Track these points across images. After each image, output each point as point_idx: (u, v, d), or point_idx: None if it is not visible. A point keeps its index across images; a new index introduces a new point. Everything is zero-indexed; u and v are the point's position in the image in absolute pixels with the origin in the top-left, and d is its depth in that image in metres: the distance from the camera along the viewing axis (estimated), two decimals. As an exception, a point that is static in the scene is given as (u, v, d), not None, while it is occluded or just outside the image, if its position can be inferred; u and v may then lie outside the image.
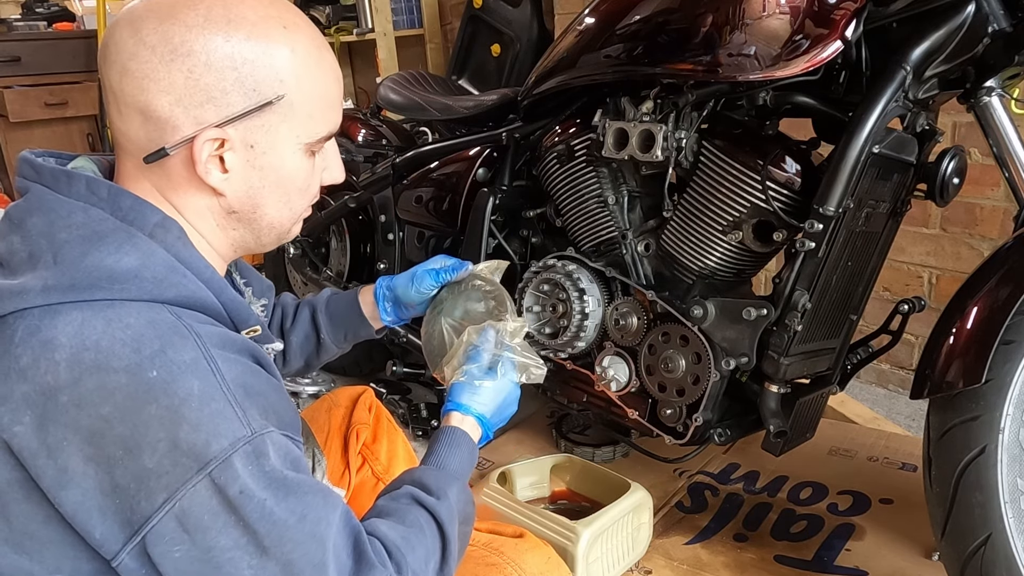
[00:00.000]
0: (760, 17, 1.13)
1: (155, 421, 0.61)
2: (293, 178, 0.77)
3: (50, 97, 3.74)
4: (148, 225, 0.69)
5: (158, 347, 0.63)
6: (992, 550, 0.98)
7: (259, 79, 0.70)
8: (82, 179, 0.70)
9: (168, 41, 0.68)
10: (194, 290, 0.69)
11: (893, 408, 1.93)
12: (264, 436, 0.66)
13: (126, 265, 0.66)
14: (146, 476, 0.61)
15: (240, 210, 0.76)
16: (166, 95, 0.68)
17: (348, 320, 1.13)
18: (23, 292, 0.64)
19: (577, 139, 1.41)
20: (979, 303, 1.03)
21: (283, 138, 0.74)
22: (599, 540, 1.25)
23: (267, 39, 0.70)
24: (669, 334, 1.33)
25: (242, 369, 0.69)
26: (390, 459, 1.23)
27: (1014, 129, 1.12)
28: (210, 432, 0.62)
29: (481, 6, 2.68)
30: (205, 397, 0.63)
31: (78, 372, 0.61)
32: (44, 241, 0.67)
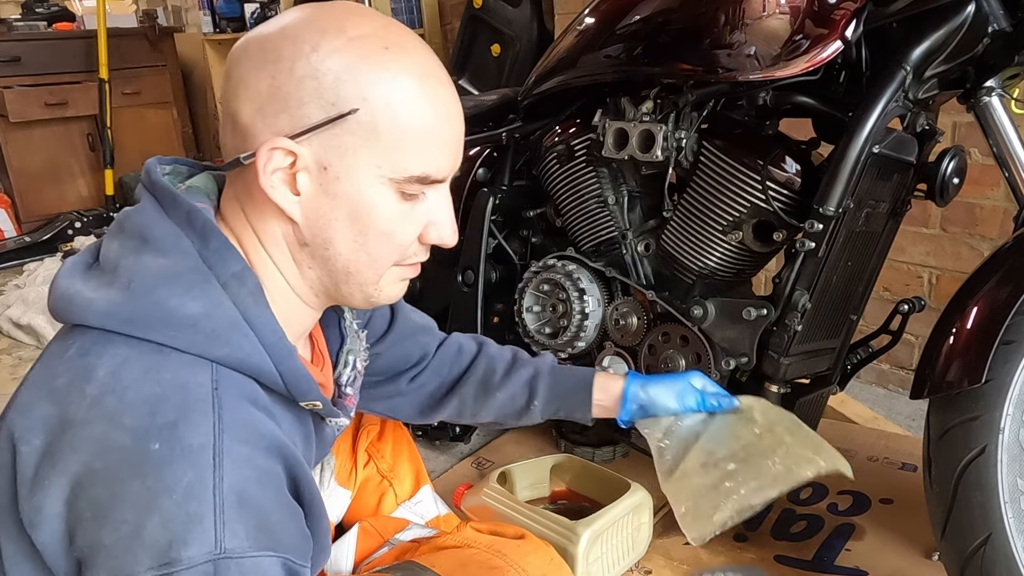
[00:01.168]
0: (760, 17, 1.13)
1: (131, 499, 0.57)
2: (371, 216, 0.68)
3: (50, 97, 3.74)
4: (226, 273, 0.65)
5: (172, 419, 0.59)
6: (992, 550, 0.98)
7: (340, 93, 0.64)
8: (185, 206, 0.66)
9: (263, 48, 0.66)
10: (250, 353, 0.64)
11: (893, 408, 1.93)
12: (232, 561, 0.57)
13: (189, 311, 0.62)
14: (98, 550, 0.57)
15: (312, 243, 0.69)
16: (251, 103, 0.66)
17: (571, 400, 1.06)
18: (89, 308, 0.63)
19: (577, 139, 1.41)
20: (979, 303, 1.03)
21: (362, 165, 0.66)
22: (599, 540, 1.25)
23: (360, 55, 0.65)
24: (669, 334, 1.33)
25: (251, 475, 0.61)
26: (395, 458, 1.23)
27: (1014, 129, 1.12)
28: (176, 535, 0.56)
29: (481, 6, 2.68)
30: (190, 494, 0.57)
31: (94, 414, 0.59)
32: (132, 259, 0.65)
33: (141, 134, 4.15)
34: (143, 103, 4.13)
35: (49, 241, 3.64)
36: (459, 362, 1.09)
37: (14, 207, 3.81)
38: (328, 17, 0.66)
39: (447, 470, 1.71)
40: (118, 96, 3.97)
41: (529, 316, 1.50)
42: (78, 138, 3.94)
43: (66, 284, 0.66)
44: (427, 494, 1.23)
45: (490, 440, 1.82)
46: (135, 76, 4.07)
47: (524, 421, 1.08)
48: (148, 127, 4.18)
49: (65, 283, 0.66)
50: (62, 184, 3.94)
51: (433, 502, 1.23)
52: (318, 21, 0.66)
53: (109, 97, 3.84)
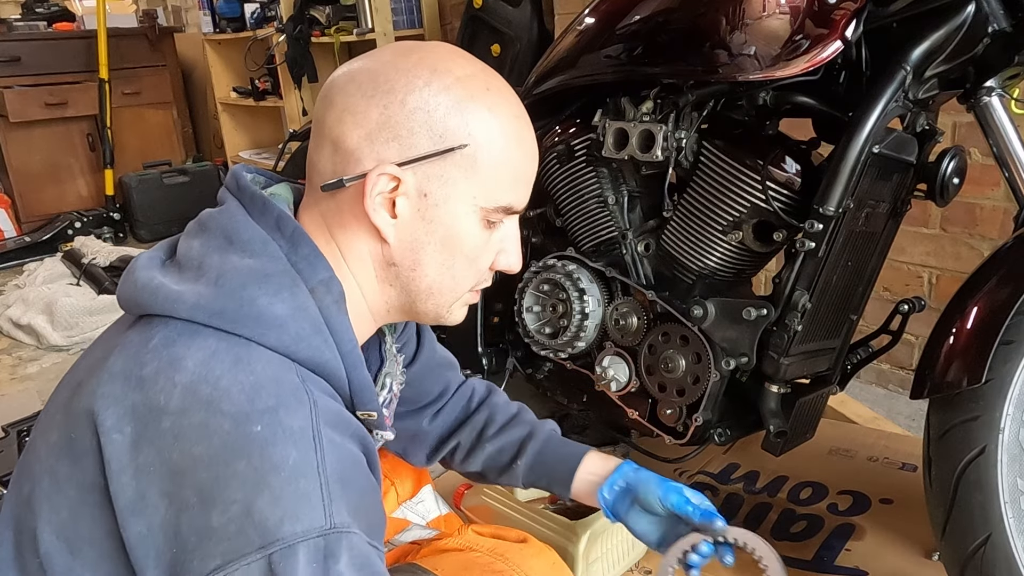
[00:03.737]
0: (760, 17, 1.13)
1: (238, 479, 0.58)
2: (461, 241, 0.74)
3: (50, 97, 3.74)
4: (314, 279, 0.68)
5: (272, 404, 0.61)
6: (992, 550, 0.98)
7: (448, 127, 0.69)
8: (275, 211, 0.70)
9: (375, 79, 0.70)
10: (328, 358, 0.67)
11: (893, 408, 1.93)
12: (342, 535, 0.60)
13: (276, 311, 0.65)
14: (208, 535, 0.58)
15: (400, 263, 0.73)
16: (359, 129, 0.69)
17: (556, 472, 1.02)
18: (177, 300, 0.65)
19: (577, 139, 1.41)
20: (979, 303, 1.03)
21: (459, 194, 0.71)
22: (599, 540, 1.25)
23: (467, 93, 0.70)
24: (669, 334, 1.33)
25: (344, 456, 0.65)
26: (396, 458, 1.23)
27: (1014, 129, 1.12)
28: (287, 511, 0.58)
29: (481, 6, 2.68)
30: (297, 472, 0.59)
31: (189, 402, 0.60)
32: (217, 256, 0.67)
33: (141, 134, 4.15)
34: (143, 103, 4.13)
35: (49, 241, 3.64)
36: (467, 406, 1.10)
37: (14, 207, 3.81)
38: (436, 56, 0.72)
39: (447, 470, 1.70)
40: (118, 96, 3.97)
41: (529, 316, 1.50)
42: (78, 138, 3.94)
43: (148, 276, 0.68)
44: (428, 494, 1.23)
45: None
46: (135, 76, 4.07)
47: (504, 480, 1.06)
48: (148, 127, 4.19)
49: (146, 275, 0.68)
50: (62, 184, 3.95)
51: (434, 502, 1.23)
52: (428, 59, 0.71)
53: (109, 97, 3.84)
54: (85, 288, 2.96)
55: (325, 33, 3.21)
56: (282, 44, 3.37)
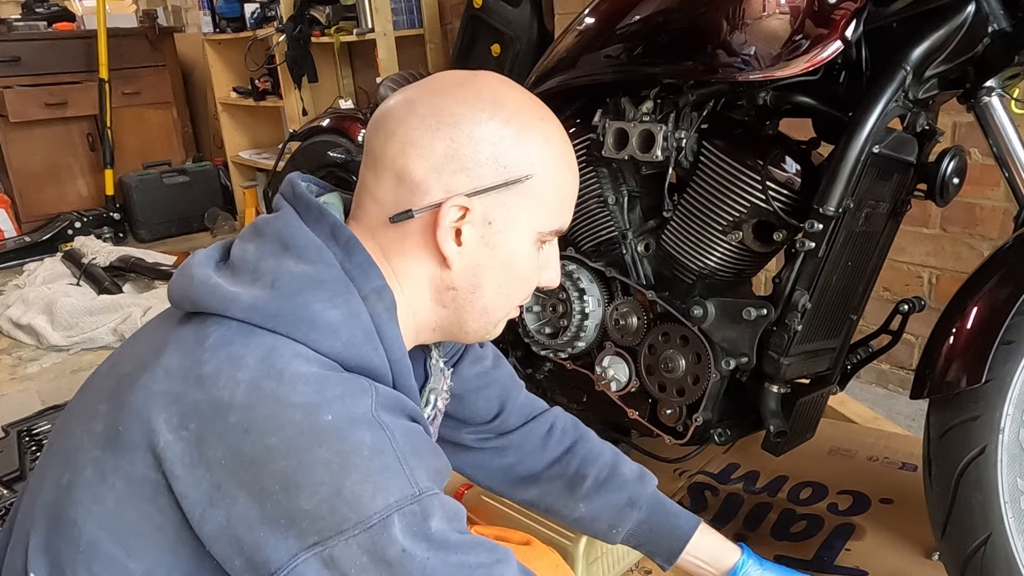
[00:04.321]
0: (760, 17, 1.13)
1: (322, 464, 0.61)
2: (519, 264, 0.77)
3: (50, 97, 3.74)
4: (367, 287, 0.70)
5: (339, 393, 0.64)
6: (992, 550, 0.98)
7: (512, 157, 0.73)
8: (330, 219, 0.71)
9: (438, 113, 0.72)
10: (377, 365, 0.69)
11: (893, 408, 1.93)
12: (431, 497, 0.65)
13: (330, 318, 0.67)
14: (300, 516, 0.60)
15: (460, 287, 0.76)
16: (424, 161, 0.71)
17: (659, 545, 1.00)
18: (234, 300, 0.66)
19: (577, 139, 1.41)
20: (979, 303, 1.03)
21: (520, 221, 0.75)
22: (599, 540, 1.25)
23: (525, 124, 0.74)
24: (669, 334, 1.33)
25: (407, 429, 0.68)
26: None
27: (1014, 129, 1.12)
28: (377, 486, 0.62)
29: (481, 6, 2.68)
30: (376, 450, 0.63)
31: (256, 397, 0.62)
32: (272, 261, 0.69)
33: (141, 134, 4.15)
34: (143, 103, 4.13)
35: (49, 241, 3.65)
36: (549, 446, 1.03)
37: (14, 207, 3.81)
38: (492, 88, 0.75)
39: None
40: (118, 96, 3.97)
41: (529, 316, 1.50)
42: (78, 138, 3.95)
43: (204, 274, 0.69)
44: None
45: None
46: (135, 76, 4.07)
47: (600, 538, 1.03)
48: (148, 127, 4.19)
49: (203, 272, 0.70)
50: (62, 184, 3.95)
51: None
52: (486, 91, 0.74)
53: (109, 97, 3.84)
54: (85, 288, 2.96)
55: (325, 33, 3.21)
56: (282, 44, 3.37)
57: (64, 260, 3.27)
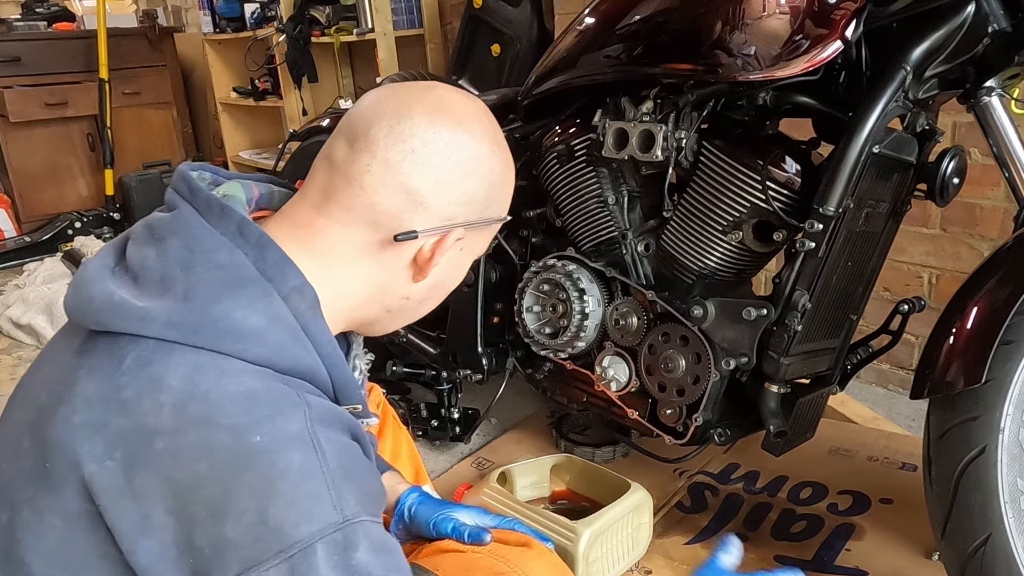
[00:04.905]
0: (760, 17, 1.13)
1: (247, 490, 0.59)
2: (457, 282, 0.84)
3: (50, 97, 3.74)
4: (286, 287, 0.67)
5: (268, 412, 0.61)
6: (992, 550, 0.98)
7: (495, 199, 0.79)
8: (236, 217, 0.68)
9: (459, 147, 0.74)
10: (310, 363, 0.67)
11: (893, 408, 1.93)
12: (356, 525, 0.62)
13: (253, 324, 0.64)
14: (224, 545, 0.58)
15: (414, 297, 0.79)
16: (437, 186, 0.73)
17: None
18: (145, 319, 0.63)
19: (577, 139, 1.41)
20: (979, 303, 1.03)
21: (476, 249, 0.82)
22: (599, 540, 1.25)
23: (509, 168, 0.80)
24: (669, 334, 1.33)
25: (342, 449, 0.66)
26: (394, 457, 1.23)
27: (1014, 129, 1.12)
28: (301, 513, 0.59)
29: (481, 6, 2.68)
30: (304, 474, 0.60)
31: (182, 421, 0.60)
32: (180, 270, 0.65)
33: (141, 134, 4.15)
34: (143, 103, 4.13)
35: (49, 241, 3.64)
36: None
37: (14, 207, 3.81)
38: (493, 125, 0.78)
39: (447, 470, 1.71)
40: (118, 96, 3.97)
41: (529, 316, 1.50)
42: (78, 138, 3.94)
43: (104, 290, 0.65)
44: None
45: (490, 440, 1.82)
46: (135, 76, 4.07)
47: None
48: (148, 127, 4.18)
49: (101, 288, 0.65)
50: (62, 184, 3.94)
51: (433, 502, 1.23)
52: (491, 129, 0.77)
53: (109, 97, 3.84)
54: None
55: (325, 33, 3.21)
56: (282, 44, 3.37)
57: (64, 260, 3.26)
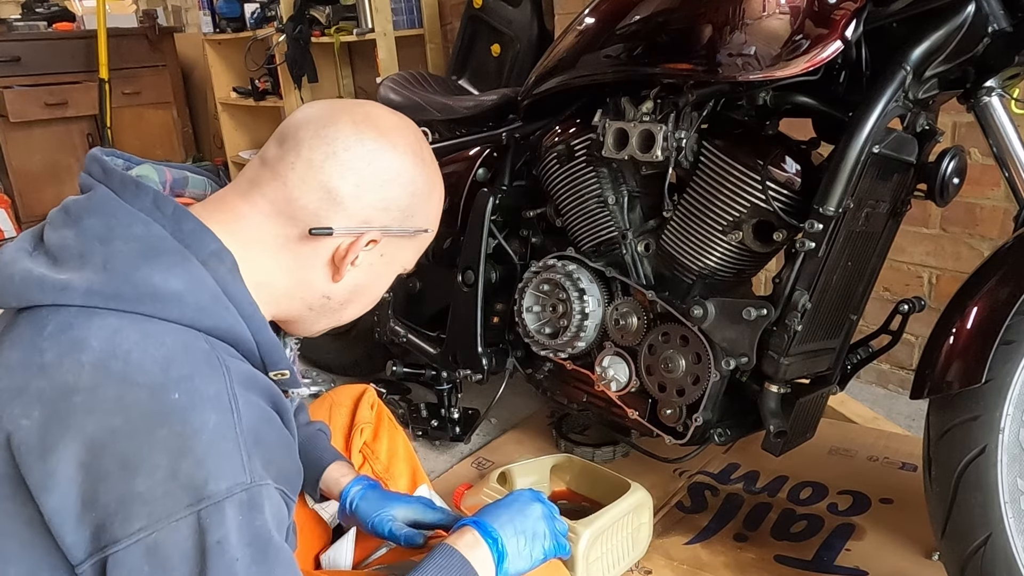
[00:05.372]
0: (760, 17, 1.13)
1: (161, 445, 0.60)
2: (382, 291, 0.86)
3: (50, 97, 3.74)
4: (204, 252, 0.69)
5: (187, 372, 0.63)
6: (992, 550, 0.98)
7: (421, 211, 0.81)
8: (150, 192, 0.70)
9: (380, 155, 0.77)
10: (232, 324, 0.69)
11: (893, 408, 1.93)
12: (262, 487, 0.65)
13: (172, 286, 0.66)
14: (131, 499, 0.59)
15: (335, 298, 0.81)
16: (357, 189, 0.76)
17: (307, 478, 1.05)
18: (65, 288, 0.64)
19: (577, 139, 1.41)
20: (979, 303, 1.03)
21: (400, 259, 0.84)
22: (599, 540, 1.25)
23: (435, 183, 0.83)
24: (669, 334, 1.33)
25: (259, 415, 0.69)
26: (390, 458, 1.23)
27: (1014, 129, 1.12)
28: (211, 471, 0.61)
29: (481, 6, 2.68)
30: (217, 434, 0.62)
31: (100, 377, 0.61)
32: (98, 244, 0.67)
33: (141, 134, 4.15)
34: (143, 103, 4.13)
35: (49, 241, 3.64)
36: None
37: (14, 207, 3.81)
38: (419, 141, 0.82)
39: (447, 470, 1.71)
40: (118, 96, 3.97)
41: (529, 316, 1.50)
42: (78, 138, 3.94)
43: (24, 268, 0.66)
44: (424, 493, 1.23)
45: (490, 440, 1.82)
46: (135, 76, 4.07)
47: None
48: (148, 127, 4.18)
49: (21, 267, 0.66)
50: (62, 184, 3.94)
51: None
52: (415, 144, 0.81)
53: (109, 97, 3.84)
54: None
55: (325, 33, 3.21)
56: (282, 44, 3.36)
57: None
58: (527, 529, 0.90)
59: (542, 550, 0.91)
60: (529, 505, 0.94)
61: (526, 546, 0.89)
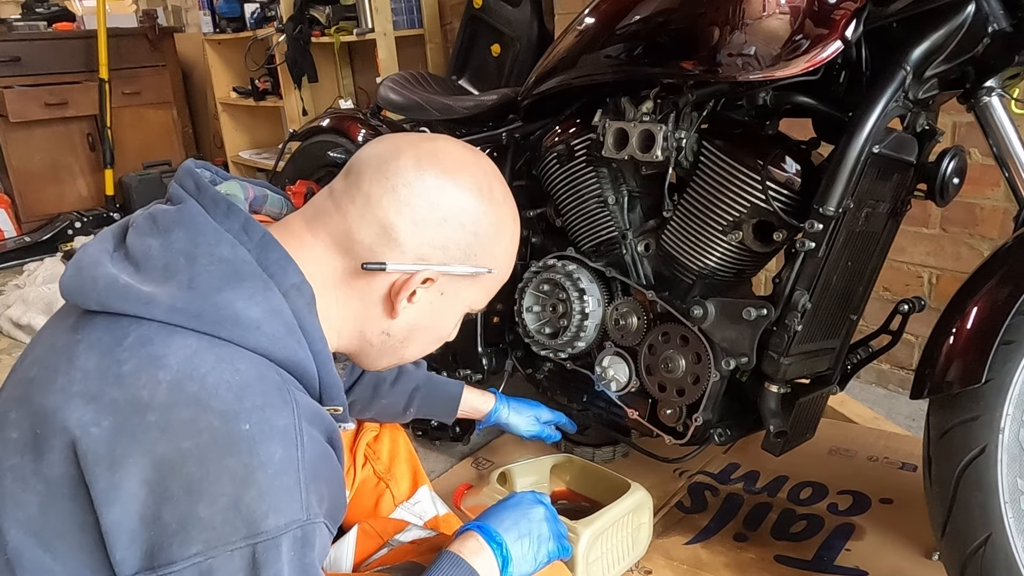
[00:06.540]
0: (760, 17, 1.13)
1: (227, 474, 0.61)
2: (445, 329, 0.85)
3: (50, 97, 3.74)
4: (286, 283, 0.70)
5: (260, 403, 0.64)
6: (992, 550, 0.98)
7: (481, 250, 0.80)
8: (241, 216, 0.71)
9: (440, 193, 0.76)
10: (302, 358, 0.70)
11: (893, 408, 1.93)
12: (315, 525, 0.66)
13: (252, 314, 0.67)
14: (192, 523, 0.60)
15: (394, 335, 0.81)
16: (414, 227, 0.76)
17: (440, 410, 1.30)
18: (151, 302, 0.65)
19: (577, 139, 1.41)
20: (979, 303, 1.02)
21: (463, 299, 0.83)
22: (599, 540, 1.25)
23: (502, 223, 0.81)
24: (669, 334, 1.33)
25: (319, 451, 0.70)
26: (391, 458, 1.23)
27: (1014, 129, 1.12)
28: (272, 505, 0.62)
29: (481, 6, 2.68)
30: (281, 469, 0.63)
31: (176, 398, 0.62)
32: (184, 260, 0.68)
33: (141, 134, 4.15)
34: (143, 103, 4.13)
35: (49, 241, 3.64)
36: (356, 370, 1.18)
37: (14, 207, 3.81)
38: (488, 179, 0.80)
39: (447, 470, 1.71)
40: (118, 96, 3.97)
41: (529, 316, 1.50)
42: (78, 138, 3.94)
43: (109, 274, 0.67)
44: (425, 494, 1.23)
45: (490, 440, 1.82)
46: (135, 76, 4.07)
47: (395, 420, 1.26)
48: (148, 127, 4.18)
49: (106, 272, 0.67)
50: (62, 184, 3.94)
51: (431, 502, 1.23)
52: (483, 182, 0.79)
53: (109, 97, 3.84)
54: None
55: (325, 33, 3.21)
56: (282, 44, 3.37)
57: (64, 260, 3.26)
58: (531, 532, 0.92)
59: (546, 553, 0.93)
60: (532, 508, 0.96)
61: (530, 549, 0.91)
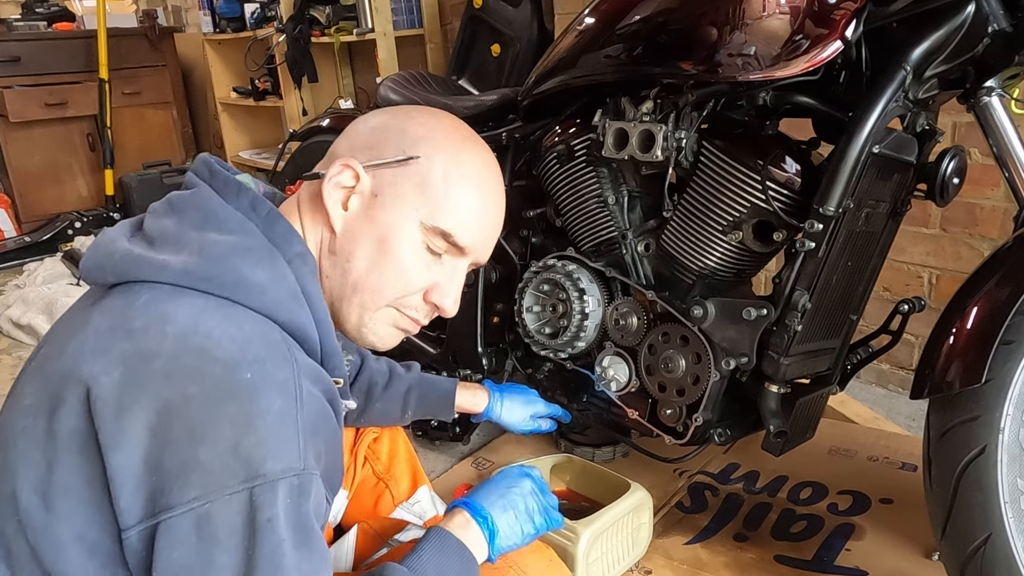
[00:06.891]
0: (760, 17, 1.13)
1: (228, 419, 0.63)
2: (394, 246, 0.78)
3: (50, 97, 3.74)
4: (290, 252, 0.75)
5: (261, 355, 0.66)
6: (992, 550, 0.98)
7: (415, 145, 0.79)
8: (249, 194, 0.77)
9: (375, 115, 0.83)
10: (304, 323, 0.73)
11: (893, 408, 1.93)
12: (312, 476, 0.68)
13: (258, 278, 0.71)
14: (192, 467, 0.62)
15: (339, 253, 0.80)
16: (350, 140, 0.82)
17: (436, 409, 1.29)
18: (164, 267, 0.69)
19: (577, 139, 1.41)
20: (979, 303, 1.03)
21: (406, 204, 0.78)
22: (599, 540, 1.25)
23: (445, 134, 0.81)
24: (669, 334, 1.33)
25: (318, 408, 0.73)
26: (391, 459, 1.23)
27: (1014, 129, 1.12)
28: (271, 451, 0.64)
29: (481, 6, 2.68)
30: (280, 418, 0.65)
31: (181, 347, 0.64)
32: (195, 234, 0.72)
33: (141, 134, 4.15)
34: (143, 103, 4.13)
35: (49, 241, 3.64)
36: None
37: (14, 207, 3.81)
38: (443, 115, 0.84)
39: (447, 470, 1.71)
40: (118, 96, 3.97)
41: (529, 316, 1.50)
42: (78, 138, 3.94)
43: (124, 247, 0.72)
44: (424, 495, 1.23)
45: (490, 440, 1.82)
46: (135, 76, 4.07)
47: (395, 425, 1.27)
48: (148, 127, 4.18)
49: (122, 246, 0.72)
50: (62, 184, 3.94)
51: (431, 502, 1.23)
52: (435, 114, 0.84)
53: (109, 97, 3.84)
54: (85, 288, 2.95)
55: (325, 33, 3.21)
56: (282, 44, 3.37)
57: (64, 260, 3.26)
58: (516, 505, 0.96)
59: (533, 525, 0.95)
60: (518, 481, 0.99)
61: (517, 521, 0.94)
